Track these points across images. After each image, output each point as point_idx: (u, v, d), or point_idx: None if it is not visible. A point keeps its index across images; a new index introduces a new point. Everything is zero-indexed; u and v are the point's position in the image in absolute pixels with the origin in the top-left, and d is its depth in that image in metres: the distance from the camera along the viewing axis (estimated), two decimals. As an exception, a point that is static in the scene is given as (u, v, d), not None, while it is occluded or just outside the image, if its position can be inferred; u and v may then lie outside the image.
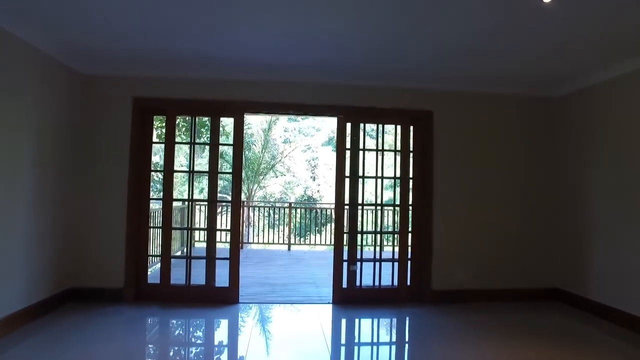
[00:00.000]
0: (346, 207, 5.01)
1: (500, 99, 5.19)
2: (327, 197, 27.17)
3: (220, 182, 18.91)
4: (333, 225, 14.07)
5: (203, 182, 22.45)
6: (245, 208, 11.20)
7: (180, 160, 14.53)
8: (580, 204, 4.85)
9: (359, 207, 5.04)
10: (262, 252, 9.49)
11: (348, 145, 5.00)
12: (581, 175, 4.85)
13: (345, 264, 4.96)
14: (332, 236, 10.78)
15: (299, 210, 11.56)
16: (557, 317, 4.57)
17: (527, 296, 5.12)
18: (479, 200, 5.11)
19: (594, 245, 4.62)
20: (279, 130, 22.79)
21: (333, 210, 11.50)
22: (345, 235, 4.97)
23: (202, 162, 12.96)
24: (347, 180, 4.98)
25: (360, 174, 5.03)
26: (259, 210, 10.82)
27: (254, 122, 16.03)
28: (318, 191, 27.30)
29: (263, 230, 10.60)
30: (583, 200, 4.81)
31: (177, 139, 6.56)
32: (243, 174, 15.38)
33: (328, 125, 41.80)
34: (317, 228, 12.28)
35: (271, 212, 11.12)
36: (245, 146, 15.60)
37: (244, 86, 4.84)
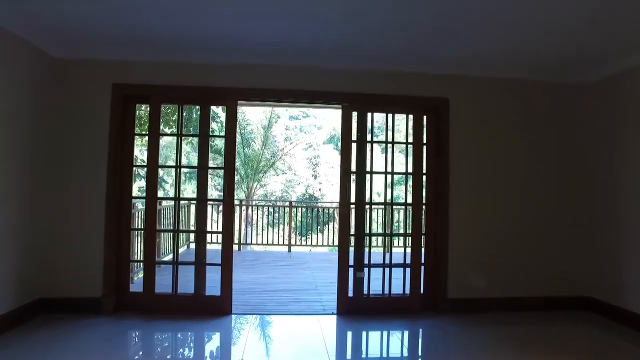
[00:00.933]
0: (352, 206, 4.45)
1: (526, 85, 4.60)
2: (328, 196, 26.64)
3: (219, 180, 18.38)
4: (335, 224, 13.52)
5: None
6: (244, 207, 10.63)
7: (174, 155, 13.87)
8: (618, 204, 4.28)
9: (367, 206, 4.48)
10: (261, 253, 8.95)
11: (354, 137, 4.44)
12: (619, 171, 4.27)
13: (351, 270, 4.40)
14: (335, 236, 10.30)
15: (300, 209, 11.00)
16: (589, 329, 4.01)
17: (554, 305, 4.55)
18: (501, 199, 4.54)
19: (634, 249, 4.05)
20: (280, 128, 22.23)
21: (335, 210, 11.08)
22: (351, 237, 4.41)
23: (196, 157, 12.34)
24: (352, 177, 4.42)
25: (368, 169, 4.46)
26: (258, 210, 10.25)
27: (254, 119, 15.48)
28: (319, 189, 26.76)
29: (263, 230, 10.07)
30: (622, 199, 4.23)
31: (176, 131, 5.95)
32: (242, 172, 14.84)
33: (330, 123, 41.24)
34: (318, 227, 11.78)
35: (271, 210, 10.57)
36: (244, 143, 15.12)
37: (237, 71, 4.28)
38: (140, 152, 12.22)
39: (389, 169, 4.51)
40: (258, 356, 3.37)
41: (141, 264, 4.97)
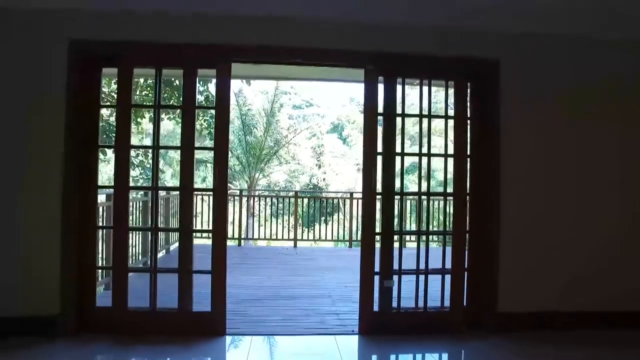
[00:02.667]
0: (377, 196, 3.45)
1: (615, 46, 3.56)
2: (333, 186, 25.70)
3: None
4: (341, 215, 12.56)
5: (204, 170, 20.98)
6: (245, 198, 9.65)
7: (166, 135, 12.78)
8: None
9: (397, 198, 3.49)
10: (265, 250, 7.97)
11: (380, 109, 3.43)
12: None
13: (376, 278, 3.42)
14: (341, 228, 9.37)
15: (305, 199, 10.02)
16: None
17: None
18: (572, 186, 3.53)
19: None
20: (282, 117, 20.99)
21: (341, 200, 10.09)
22: (377, 237, 3.43)
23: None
24: (379, 160, 3.42)
25: (398, 149, 3.47)
26: (260, 200, 9.27)
27: (256, 104, 14.46)
28: (324, 179, 25.81)
29: (267, 221, 9.15)
30: None
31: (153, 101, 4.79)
32: (243, 160, 13.85)
33: (333, 112, 40.18)
34: (323, 218, 10.89)
35: (275, 201, 9.59)
36: (245, 130, 14.11)
37: (230, 22, 3.26)
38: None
39: (425, 150, 3.51)
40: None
41: (110, 271, 4.00)
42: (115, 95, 3.45)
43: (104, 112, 12.13)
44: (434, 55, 3.42)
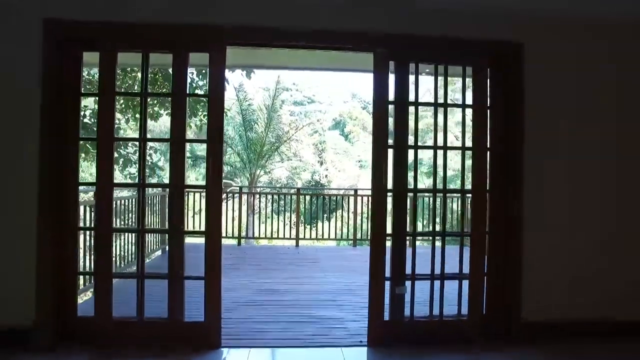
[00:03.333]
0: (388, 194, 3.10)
1: None
2: (335, 183, 25.37)
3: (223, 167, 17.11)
4: (344, 213, 12.21)
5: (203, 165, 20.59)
6: (245, 195, 9.31)
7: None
8: None
9: (409, 195, 3.15)
10: (266, 249, 7.62)
11: (392, 97, 3.07)
12: None
13: (387, 284, 3.08)
14: (347, 227, 9.01)
15: (307, 197, 9.68)
16: None
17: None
18: (604, 181, 3.19)
19: None
20: (284, 114, 20.63)
21: (344, 197, 9.72)
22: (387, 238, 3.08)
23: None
24: (389, 153, 3.07)
25: (411, 142, 3.12)
26: (261, 197, 8.93)
27: (256, 100, 14.11)
28: (326, 176, 25.48)
29: (268, 218, 8.83)
30: None
31: (140, 88, 4.49)
32: (244, 157, 13.50)
33: (335, 108, 39.94)
34: (326, 215, 10.57)
35: (276, 198, 9.24)
36: (246, 125, 13.75)
37: (225, 1, 2.92)
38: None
39: (440, 143, 3.16)
40: None
41: (91, 278, 3.68)
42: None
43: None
44: (451, 38, 3.06)
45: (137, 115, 11.01)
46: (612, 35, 3.17)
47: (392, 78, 3.09)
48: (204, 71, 10.55)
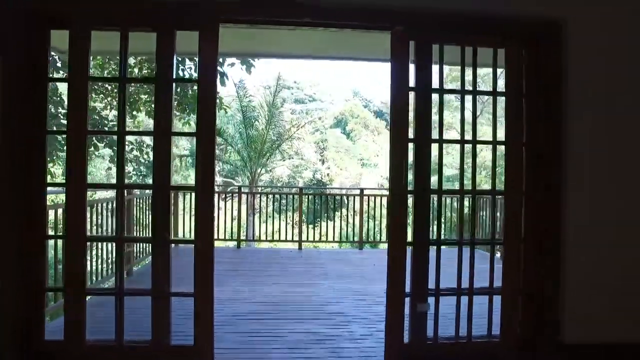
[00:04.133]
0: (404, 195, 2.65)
1: None
2: (337, 181, 24.95)
3: (223, 165, 16.56)
4: (348, 214, 11.74)
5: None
6: (244, 195, 8.86)
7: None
8: None
9: (433, 197, 2.70)
10: (267, 253, 7.14)
11: (412, 83, 2.62)
12: None
13: (407, 301, 2.63)
14: (352, 229, 8.53)
15: (309, 196, 9.22)
16: None
17: None
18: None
19: None
20: (285, 112, 20.19)
21: (350, 197, 9.20)
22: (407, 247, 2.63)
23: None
24: (410, 148, 2.62)
25: (435, 135, 2.66)
26: (261, 198, 8.47)
27: (257, 97, 13.65)
28: (328, 174, 25.07)
29: (269, 218, 8.37)
30: None
31: (119, 72, 3.90)
32: (245, 154, 13.02)
33: (337, 107, 39.50)
34: (328, 215, 10.14)
35: (277, 198, 8.78)
36: (246, 122, 13.27)
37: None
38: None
39: (468, 136, 2.70)
40: None
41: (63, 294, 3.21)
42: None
43: (98, 105, 11.46)
44: (481, 14, 2.60)
45: (135, 113, 10.62)
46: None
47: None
48: (193, 65, 10.18)
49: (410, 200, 2.65)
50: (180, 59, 9.61)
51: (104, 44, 2.69)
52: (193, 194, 6.49)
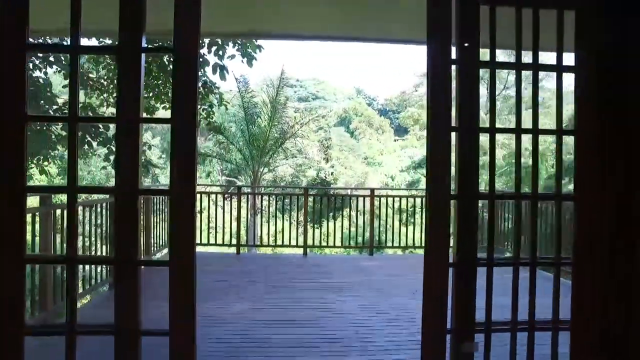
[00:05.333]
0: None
1: None
2: (342, 180, 24.36)
3: (225, 164, 15.92)
4: (352, 212, 11.10)
5: (208, 164, 19.54)
6: (244, 197, 8.22)
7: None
8: None
9: (481, 202, 2.07)
10: (269, 260, 6.49)
11: (454, 55, 1.98)
12: None
13: (448, 339, 2.00)
14: (361, 230, 7.88)
15: (315, 197, 8.60)
16: None
17: None
18: None
19: None
20: (288, 110, 19.62)
21: (360, 198, 8.41)
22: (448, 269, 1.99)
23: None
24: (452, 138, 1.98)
25: (485, 122, 2.03)
26: (263, 199, 7.83)
27: (260, 90, 13.01)
28: (332, 173, 24.49)
29: (271, 219, 7.77)
30: None
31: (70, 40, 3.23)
32: (246, 152, 12.41)
33: (340, 105, 38.95)
34: (334, 218, 9.58)
35: (281, 199, 8.16)
36: (248, 119, 12.65)
37: None
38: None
39: (527, 124, 2.06)
40: None
41: None
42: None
43: (95, 101, 10.87)
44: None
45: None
46: None
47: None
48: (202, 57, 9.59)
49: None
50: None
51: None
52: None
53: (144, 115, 2.50)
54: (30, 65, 8.64)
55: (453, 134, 1.97)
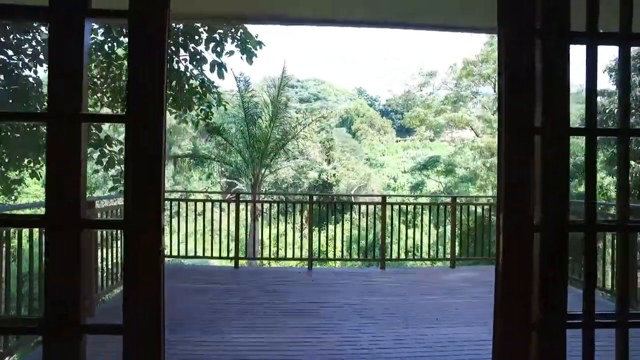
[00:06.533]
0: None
1: None
2: (344, 182, 23.79)
3: (224, 167, 15.28)
4: (354, 214, 10.38)
5: (208, 167, 18.96)
6: (243, 204, 7.61)
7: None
8: None
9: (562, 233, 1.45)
10: (270, 276, 5.77)
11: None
12: None
13: None
14: (354, 228, 7.20)
15: (320, 205, 7.96)
16: None
17: None
18: None
19: None
20: (290, 111, 18.95)
21: (369, 205, 7.55)
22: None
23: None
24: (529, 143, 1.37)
25: (577, 118, 1.43)
26: (264, 206, 7.21)
27: (261, 89, 12.39)
28: (334, 175, 23.91)
29: (273, 228, 7.15)
30: None
31: None
32: (247, 155, 11.76)
33: (341, 105, 38.48)
34: (334, 217, 9.03)
35: (283, 207, 7.53)
36: (248, 119, 12.01)
37: None
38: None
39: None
40: None
41: None
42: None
43: (88, 101, 10.36)
44: None
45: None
46: None
47: None
48: (194, 61, 9.03)
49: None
50: (174, 49, 8.50)
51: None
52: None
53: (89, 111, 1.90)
54: (20, 64, 8.10)
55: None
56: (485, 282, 5.06)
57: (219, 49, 8.73)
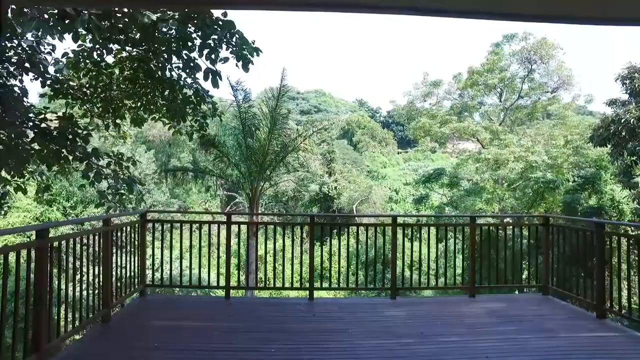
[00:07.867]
0: None
1: None
2: (345, 194, 23.11)
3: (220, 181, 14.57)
4: (376, 247, 9.45)
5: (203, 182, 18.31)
6: (236, 226, 6.89)
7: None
8: None
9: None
10: (265, 309, 4.97)
11: None
12: None
13: None
14: (382, 273, 6.17)
15: (322, 227, 7.24)
16: None
17: None
18: None
19: None
20: (290, 123, 18.32)
21: (377, 226, 6.81)
22: None
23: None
24: None
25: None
26: (258, 228, 6.47)
27: (259, 100, 11.76)
28: (335, 188, 23.24)
29: (272, 240, 6.45)
30: None
31: None
32: (243, 168, 11.05)
33: (342, 117, 38.05)
34: (335, 230, 8.39)
35: (281, 229, 6.81)
36: (246, 131, 11.34)
37: None
38: None
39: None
40: None
41: None
42: None
43: (76, 111, 9.69)
44: None
45: (118, 121, 8.84)
46: None
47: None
48: (187, 69, 8.45)
49: None
50: (166, 56, 7.92)
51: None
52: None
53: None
54: (5, 72, 7.52)
55: None
56: (512, 317, 4.36)
57: (213, 55, 8.11)
